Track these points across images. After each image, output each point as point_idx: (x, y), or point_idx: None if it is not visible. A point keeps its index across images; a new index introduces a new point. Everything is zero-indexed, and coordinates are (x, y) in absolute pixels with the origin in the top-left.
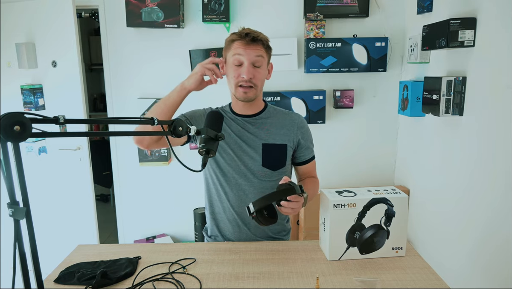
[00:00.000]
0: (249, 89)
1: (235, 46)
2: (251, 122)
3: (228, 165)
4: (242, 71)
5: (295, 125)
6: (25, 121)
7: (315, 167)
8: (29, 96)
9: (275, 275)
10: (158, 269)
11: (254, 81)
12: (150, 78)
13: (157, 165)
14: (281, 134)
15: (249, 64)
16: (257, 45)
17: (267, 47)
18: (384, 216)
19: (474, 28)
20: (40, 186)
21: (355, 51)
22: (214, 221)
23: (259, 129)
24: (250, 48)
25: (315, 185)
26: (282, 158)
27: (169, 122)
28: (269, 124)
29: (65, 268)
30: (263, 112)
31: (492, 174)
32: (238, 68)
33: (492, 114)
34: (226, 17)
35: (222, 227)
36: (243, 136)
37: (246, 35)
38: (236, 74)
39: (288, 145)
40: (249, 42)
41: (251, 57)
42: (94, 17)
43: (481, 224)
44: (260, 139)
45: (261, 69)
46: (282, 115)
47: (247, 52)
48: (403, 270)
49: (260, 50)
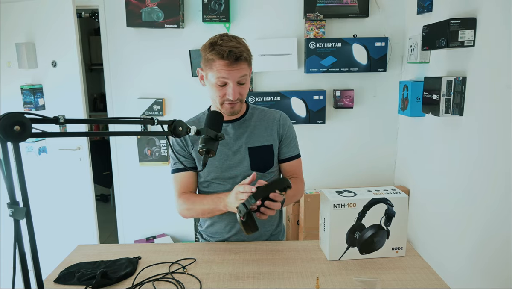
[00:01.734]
0: (235, 104)
1: (218, 67)
2: (234, 127)
3: (216, 174)
4: (228, 92)
5: (276, 122)
6: (25, 121)
7: (300, 166)
8: (29, 96)
9: (275, 275)
10: (158, 269)
11: (240, 97)
12: (150, 78)
13: (157, 165)
14: (265, 135)
15: (234, 85)
16: (240, 64)
17: (249, 60)
18: (384, 216)
19: (474, 28)
20: (40, 186)
21: (355, 51)
22: (207, 223)
23: (243, 133)
24: (234, 69)
25: (299, 186)
26: (270, 158)
27: (169, 122)
28: (252, 127)
29: (65, 268)
30: (246, 115)
31: (492, 174)
32: (223, 88)
33: (492, 114)
34: (226, 17)
35: (215, 228)
36: (228, 143)
37: (229, 55)
38: (221, 94)
39: (274, 145)
40: (232, 63)
41: (236, 77)
42: (94, 17)
43: (481, 224)
44: (246, 143)
45: (246, 84)
46: (264, 115)
47: (232, 74)
48: (403, 270)
49: (244, 68)
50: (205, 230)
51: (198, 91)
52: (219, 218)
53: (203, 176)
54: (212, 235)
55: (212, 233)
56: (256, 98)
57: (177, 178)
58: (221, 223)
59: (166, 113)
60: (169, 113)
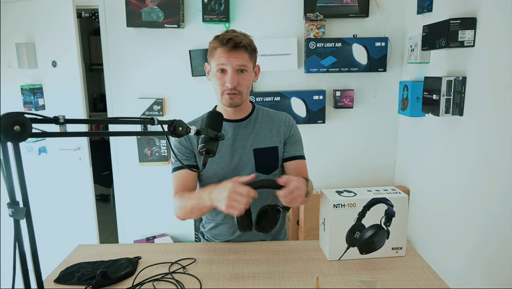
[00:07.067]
0: (234, 96)
1: (218, 55)
2: (239, 127)
3: (221, 175)
4: (227, 79)
5: (282, 124)
6: (25, 121)
7: (305, 167)
8: (29, 96)
9: (275, 275)
10: (158, 269)
11: (239, 88)
12: (150, 78)
13: (157, 165)
14: (270, 136)
15: (233, 72)
16: (240, 52)
17: (251, 51)
18: (384, 216)
19: (474, 28)
20: (40, 186)
21: (355, 51)
22: (210, 224)
23: (249, 134)
24: (233, 56)
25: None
26: (275, 160)
27: (169, 122)
28: (258, 128)
29: (65, 268)
30: (251, 115)
31: (492, 174)
32: (222, 75)
33: (492, 114)
34: (226, 17)
35: (219, 230)
36: (233, 144)
37: (228, 41)
38: (221, 82)
39: (279, 147)
40: (231, 49)
41: (235, 65)
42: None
43: (481, 224)
44: (251, 145)
45: (246, 74)
46: (270, 116)
47: (230, 61)
48: (403, 270)
49: (243, 57)
50: (208, 231)
51: (198, 91)
52: (223, 220)
53: (207, 177)
54: (215, 237)
55: (216, 235)
56: (256, 98)
57: (175, 176)
58: (224, 226)
59: (166, 113)
60: (169, 113)
